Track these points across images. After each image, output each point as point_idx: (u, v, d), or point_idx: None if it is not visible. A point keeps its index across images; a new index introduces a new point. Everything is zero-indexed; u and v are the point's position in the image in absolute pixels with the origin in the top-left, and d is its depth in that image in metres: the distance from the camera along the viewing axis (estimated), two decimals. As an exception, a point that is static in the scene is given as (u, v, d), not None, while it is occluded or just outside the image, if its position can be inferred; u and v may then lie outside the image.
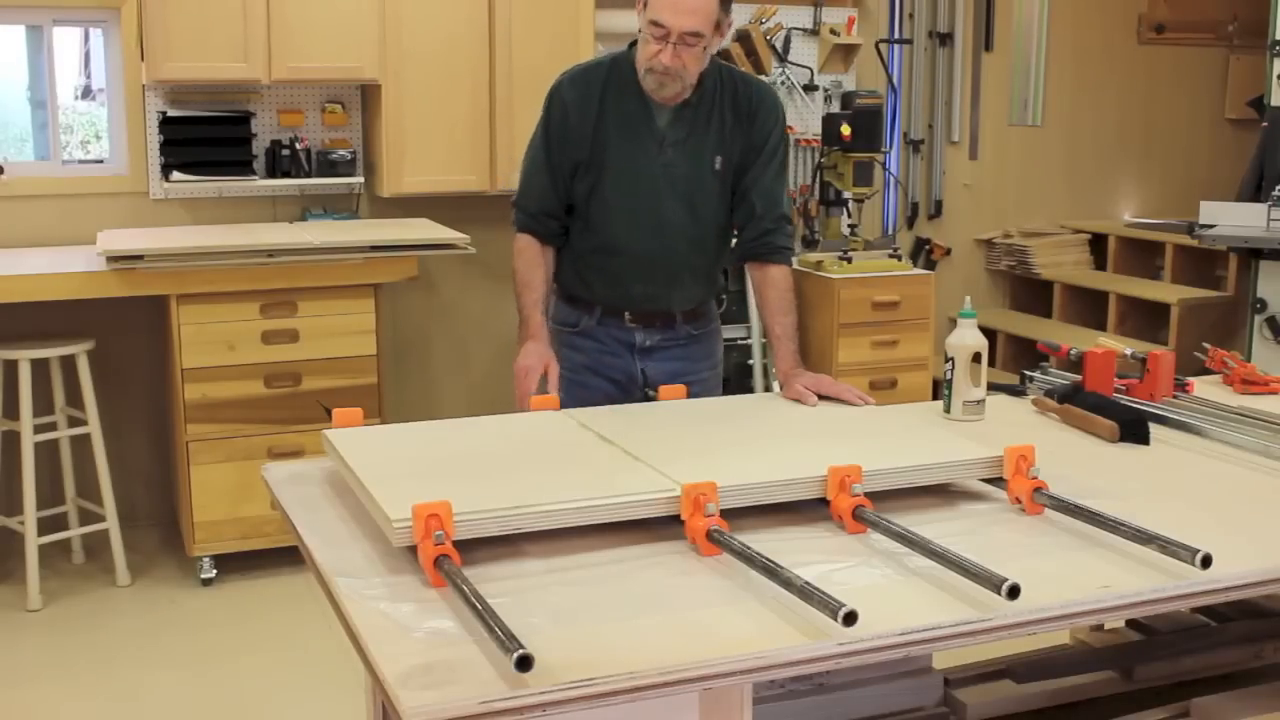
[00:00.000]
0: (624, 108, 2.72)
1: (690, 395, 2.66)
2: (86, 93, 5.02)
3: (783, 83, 5.50)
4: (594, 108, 2.72)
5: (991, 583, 1.65)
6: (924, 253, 6.02)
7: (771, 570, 1.70)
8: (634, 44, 2.71)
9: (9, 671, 3.67)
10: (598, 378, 2.88)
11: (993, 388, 2.76)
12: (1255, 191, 5.11)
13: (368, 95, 4.81)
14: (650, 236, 2.77)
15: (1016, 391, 2.86)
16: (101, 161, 4.77)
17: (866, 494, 1.97)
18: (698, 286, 2.90)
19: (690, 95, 2.70)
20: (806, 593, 1.61)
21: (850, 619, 1.55)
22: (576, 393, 2.81)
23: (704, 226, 2.81)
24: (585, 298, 2.87)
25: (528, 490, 1.93)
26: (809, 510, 2.03)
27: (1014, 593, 1.63)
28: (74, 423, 4.28)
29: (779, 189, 2.81)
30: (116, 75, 4.62)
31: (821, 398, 2.56)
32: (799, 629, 1.61)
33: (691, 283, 2.88)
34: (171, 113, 4.55)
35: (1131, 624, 2.75)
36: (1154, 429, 2.50)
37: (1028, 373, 2.92)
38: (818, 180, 5.46)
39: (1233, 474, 2.31)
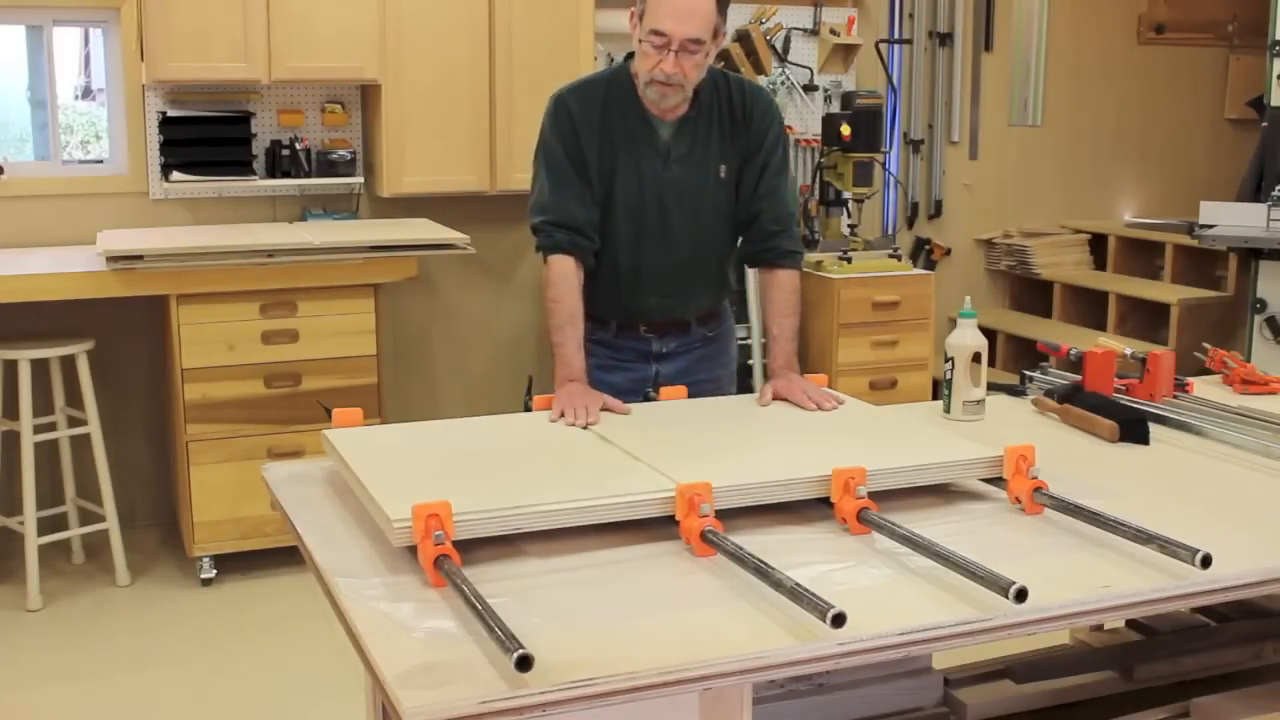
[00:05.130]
0: (627, 123, 2.69)
1: (704, 394, 2.69)
2: (86, 93, 5.02)
3: (783, 83, 5.50)
4: (597, 122, 2.68)
5: (999, 586, 1.65)
6: (924, 253, 6.02)
7: (763, 571, 1.69)
8: (629, 57, 2.69)
9: (9, 671, 3.66)
10: (604, 382, 2.78)
11: (993, 388, 2.76)
12: (1255, 191, 5.12)
13: (368, 95, 4.81)
14: (661, 250, 2.76)
15: (1016, 391, 2.86)
16: (101, 161, 4.76)
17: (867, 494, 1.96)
18: (710, 292, 2.91)
19: (689, 109, 2.69)
20: (796, 594, 1.61)
21: (839, 621, 1.54)
22: None
23: (713, 235, 2.81)
24: (600, 315, 2.81)
25: (527, 490, 1.94)
26: (809, 510, 2.03)
27: (1021, 596, 1.63)
28: (74, 423, 4.28)
29: (783, 188, 2.80)
30: (116, 75, 4.62)
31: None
32: (799, 629, 1.60)
33: (704, 290, 2.89)
34: (171, 113, 4.55)
35: (1131, 624, 2.75)
36: (1154, 429, 2.50)
37: (1028, 373, 2.92)
38: (818, 180, 5.46)
39: (1233, 474, 2.31)
